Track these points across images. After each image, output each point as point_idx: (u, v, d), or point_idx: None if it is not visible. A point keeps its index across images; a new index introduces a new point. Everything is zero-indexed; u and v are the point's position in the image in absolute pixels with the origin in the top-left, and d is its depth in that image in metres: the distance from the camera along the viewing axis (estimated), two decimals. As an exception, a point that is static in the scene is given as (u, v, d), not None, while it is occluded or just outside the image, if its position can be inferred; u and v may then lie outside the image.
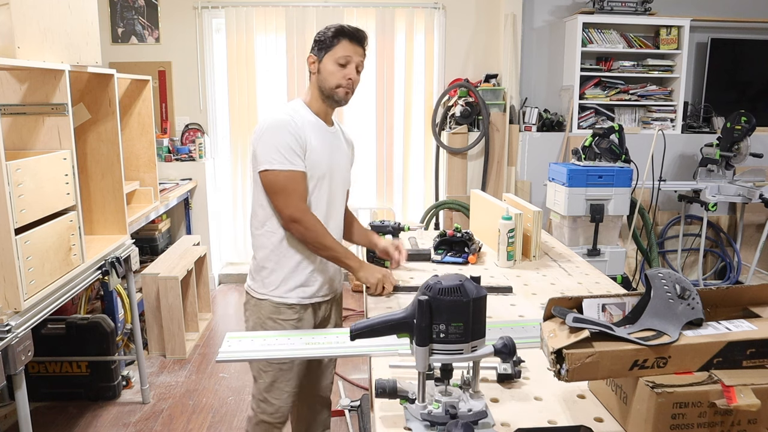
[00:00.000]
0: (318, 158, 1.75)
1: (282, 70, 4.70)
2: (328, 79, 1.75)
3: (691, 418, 0.93)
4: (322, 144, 1.77)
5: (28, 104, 2.27)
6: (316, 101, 1.81)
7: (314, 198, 1.78)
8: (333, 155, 1.82)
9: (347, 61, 1.74)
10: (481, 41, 4.75)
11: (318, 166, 1.75)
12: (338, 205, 1.89)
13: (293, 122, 1.71)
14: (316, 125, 1.79)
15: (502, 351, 1.07)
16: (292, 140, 1.69)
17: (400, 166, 4.93)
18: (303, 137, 1.71)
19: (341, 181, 1.88)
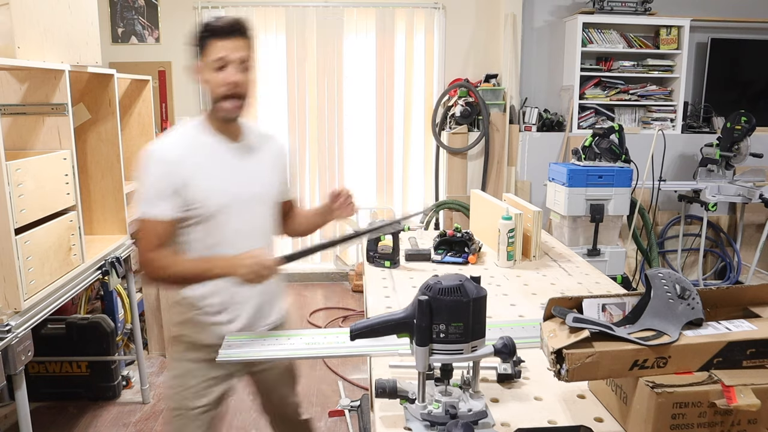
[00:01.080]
0: (208, 193, 1.47)
1: (282, 70, 4.70)
2: (210, 91, 1.46)
3: (691, 418, 0.93)
4: (221, 170, 1.51)
5: (28, 104, 2.27)
6: (212, 117, 1.53)
7: (216, 236, 1.51)
8: (239, 178, 1.53)
9: (223, 63, 1.43)
10: (481, 41, 4.75)
11: (209, 200, 1.48)
12: (260, 230, 1.60)
13: (165, 156, 1.45)
14: (212, 147, 1.51)
15: (502, 351, 1.07)
16: (160, 180, 1.43)
17: (400, 166, 4.93)
18: (179, 173, 1.44)
19: (259, 201, 1.59)
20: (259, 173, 1.59)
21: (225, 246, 1.51)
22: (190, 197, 1.46)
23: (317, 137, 4.82)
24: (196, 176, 1.46)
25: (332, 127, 4.81)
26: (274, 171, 1.65)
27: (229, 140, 1.54)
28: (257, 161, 1.59)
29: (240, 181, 1.54)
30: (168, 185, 1.43)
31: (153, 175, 1.44)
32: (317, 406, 2.98)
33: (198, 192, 1.46)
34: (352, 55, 4.73)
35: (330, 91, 4.74)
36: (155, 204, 1.44)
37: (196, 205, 1.47)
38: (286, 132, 4.80)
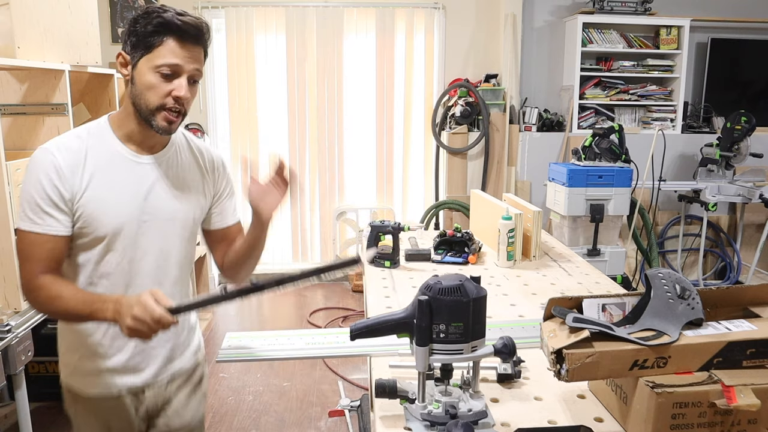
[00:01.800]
0: (100, 211, 1.22)
1: (282, 70, 4.70)
2: (144, 95, 1.20)
3: (691, 418, 0.93)
4: (121, 186, 1.24)
5: (28, 104, 2.27)
6: (128, 121, 1.26)
7: (106, 265, 1.26)
8: (144, 197, 1.27)
9: (175, 71, 1.19)
10: (481, 41, 4.75)
11: (100, 220, 1.22)
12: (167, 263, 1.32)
13: (55, 160, 1.19)
14: (115, 157, 1.25)
15: (502, 351, 1.07)
16: (48, 189, 1.19)
17: (400, 166, 4.93)
18: (69, 182, 1.20)
19: (169, 227, 1.31)
20: (174, 193, 1.31)
21: (117, 279, 1.27)
22: (79, 214, 1.22)
23: (317, 137, 4.82)
24: (89, 189, 1.21)
25: (332, 127, 4.81)
26: (200, 191, 1.37)
27: (140, 151, 1.28)
28: (175, 178, 1.32)
29: (145, 201, 1.27)
30: (57, 195, 1.19)
31: (40, 182, 1.19)
32: (317, 406, 2.98)
33: (88, 209, 1.21)
34: (352, 55, 4.73)
35: (330, 91, 4.74)
36: (43, 215, 1.19)
37: (85, 224, 1.22)
38: (286, 132, 4.81)
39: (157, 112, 1.21)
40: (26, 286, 1.22)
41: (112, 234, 1.24)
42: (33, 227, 1.20)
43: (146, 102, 1.21)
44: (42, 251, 1.21)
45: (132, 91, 1.23)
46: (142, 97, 1.21)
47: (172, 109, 1.22)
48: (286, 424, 2.82)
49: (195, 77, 1.24)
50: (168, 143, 1.33)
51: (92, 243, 1.25)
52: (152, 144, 1.30)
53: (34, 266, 1.21)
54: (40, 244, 1.20)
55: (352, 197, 4.97)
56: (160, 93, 1.20)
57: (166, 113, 1.21)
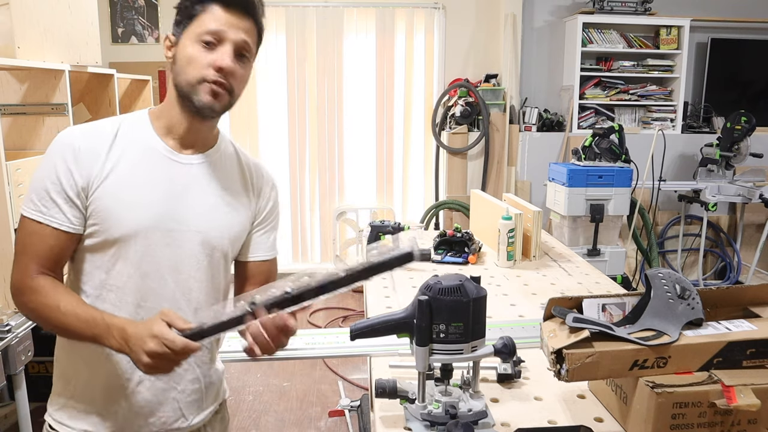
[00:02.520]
0: (115, 207, 1.04)
1: (282, 70, 4.70)
2: (185, 69, 1.04)
3: (691, 418, 0.93)
4: (148, 182, 1.06)
5: (28, 104, 2.27)
6: (168, 110, 1.10)
7: (117, 276, 1.07)
8: (173, 200, 1.08)
9: (218, 37, 1.03)
10: (481, 41, 4.75)
11: (118, 219, 1.04)
12: (190, 286, 1.11)
13: (76, 142, 1.04)
14: (149, 150, 1.08)
15: (502, 351, 1.07)
16: (61, 174, 1.02)
17: (400, 166, 4.93)
18: (89, 169, 1.03)
19: (201, 249, 1.11)
20: (212, 204, 1.12)
21: (126, 295, 1.07)
22: (92, 209, 1.04)
23: (317, 137, 4.82)
24: (108, 180, 1.04)
25: (332, 127, 4.81)
26: (241, 210, 1.17)
27: (179, 148, 1.10)
28: (216, 187, 1.13)
29: (174, 205, 1.08)
30: (70, 183, 1.03)
31: (54, 165, 1.03)
32: (317, 406, 2.98)
33: (102, 203, 1.04)
34: (352, 55, 4.73)
35: (330, 91, 4.74)
36: (50, 204, 1.03)
37: (97, 222, 1.04)
38: (286, 132, 4.80)
39: (198, 86, 1.03)
40: (17, 285, 1.04)
41: (126, 238, 1.05)
42: (36, 215, 1.04)
43: (186, 77, 1.04)
44: (42, 245, 1.04)
45: (174, 71, 1.07)
46: (182, 72, 1.04)
47: (216, 83, 1.03)
48: (286, 424, 2.82)
49: (244, 51, 1.06)
50: (215, 145, 1.15)
51: (102, 246, 1.06)
52: (195, 140, 1.11)
53: (30, 262, 1.04)
54: (42, 236, 1.04)
55: (352, 197, 4.97)
56: (201, 63, 1.03)
57: (209, 86, 1.03)
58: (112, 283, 1.07)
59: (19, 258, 1.06)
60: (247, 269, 1.23)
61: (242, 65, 1.07)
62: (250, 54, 1.08)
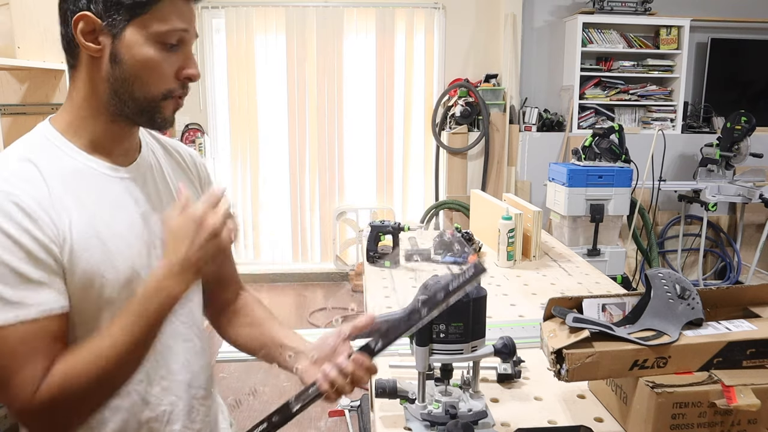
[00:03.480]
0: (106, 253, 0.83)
1: (282, 70, 4.70)
2: (141, 78, 0.83)
3: (691, 418, 0.93)
4: (113, 215, 0.85)
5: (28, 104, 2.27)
6: (90, 122, 0.86)
7: None
8: (149, 228, 0.90)
9: (182, 39, 0.84)
10: (481, 41, 4.75)
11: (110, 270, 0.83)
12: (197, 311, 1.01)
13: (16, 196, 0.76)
14: (90, 177, 0.85)
15: (502, 351, 1.07)
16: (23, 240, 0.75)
17: (400, 166, 4.94)
18: (47, 224, 0.77)
19: None
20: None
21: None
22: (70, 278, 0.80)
23: (317, 137, 4.82)
24: (75, 236, 0.80)
25: (332, 127, 4.81)
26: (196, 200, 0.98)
27: (114, 163, 0.89)
28: (166, 192, 0.96)
29: (147, 230, 0.89)
30: (39, 248, 0.76)
31: (8, 235, 0.74)
32: (317, 405, 2.98)
33: (81, 260, 0.80)
34: (352, 55, 4.73)
35: (330, 91, 4.74)
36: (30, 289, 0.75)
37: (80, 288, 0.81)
38: (286, 132, 4.81)
39: (162, 102, 0.85)
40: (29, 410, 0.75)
41: (127, 291, 0.84)
42: (22, 315, 0.74)
43: (145, 89, 0.83)
44: (43, 343, 0.76)
45: (112, 74, 0.82)
46: (137, 82, 0.82)
47: (181, 94, 0.87)
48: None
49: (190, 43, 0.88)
50: (140, 145, 0.95)
51: (97, 308, 0.83)
52: (124, 150, 0.91)
53: (35, 373, 0.75)
54: (41, 334, 0.76)
55: (352, 197, 4.97)
56: (166, 73, 0.83)
57: (176, 100, 0.86)
58: None
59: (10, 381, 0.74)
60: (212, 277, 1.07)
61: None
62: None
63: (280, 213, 4.95)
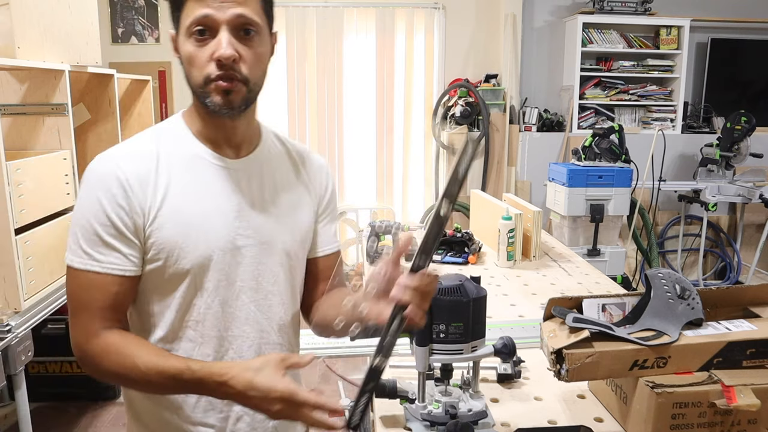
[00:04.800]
0: (187, 232, 0.93)
1: (282, 71, 4.70)
2: (188, 72, 0.93)
3: (691, 418, 0.93)
4: (208, 199, 0.96)
5: (28, 104, 2.27)
6: (196, 113, 0.99)
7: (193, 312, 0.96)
8: (238, 215, 0.97)
9: (208, 24, 0.89)
10: (481, 41, 4.75)
11: (187, 247, 0.93)
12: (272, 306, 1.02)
13: (116, 174, 0.91)
14: (198, 162, 0.97)
15: (502, 351, 1.07)
16: (110, 212, 0.90)
17: (400, 166, 4.93)
18: (141, 199, 0.91)
19: (273, 257, 1.01)
20: (273, 209, 1.02)
21: (207, 329, 0.97)
22: (152, 241, 0.92)
23: (317, 137, 4.82)
24: (165, 206, 0.92)
25: (332, 127, 4.81)
26: (303, 206, 1.07)
27: (222, 153, 0.99)
28: (273, 190, 1.02)
29: (237, 218, 0.97)
30: (123, 220, 0.90)
31: (100, 203, 0.90)
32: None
33: (164, 233, 0.92)
34: (352, 55, 4.73)
35: (330, 91, 4.74)
36: (105, 249, 0.91)
37: (162, 255, 0.92)
38: (286, 132, 4.80)
39: (206, 87, 0.91)
40: (82, 348, 0.92)
41: (200, 266, 0.94)
42: (92, 265, 0.90)
43: (193, 80, 0.93)
44: (104, 297, 0.91)
45: (184, 72, 0.95)
46: (189, 75, 0.94)
47: (221, 78, 0.89)
48: (286, 424, 2.82)
49: (246, 26, 0.90)
50: (258, 144, 1.04)
51: (172, 282, 0.94)
52: (235, 143, 1.00)
53: (92, 319, 0.91)
54: (103, 287, 0.91)
55: (352, 197, 4.97)
56: (201, 61, 0.90)
57: (218, 83, 0.90)
58: (189, 319, 0.96)
59: (77, 316, 0.92)
60: (317, 266, 1.11)
61: (250, 43, 0.92)
62: (257, 26, 0.92)
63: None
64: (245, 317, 0.99)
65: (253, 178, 1.00)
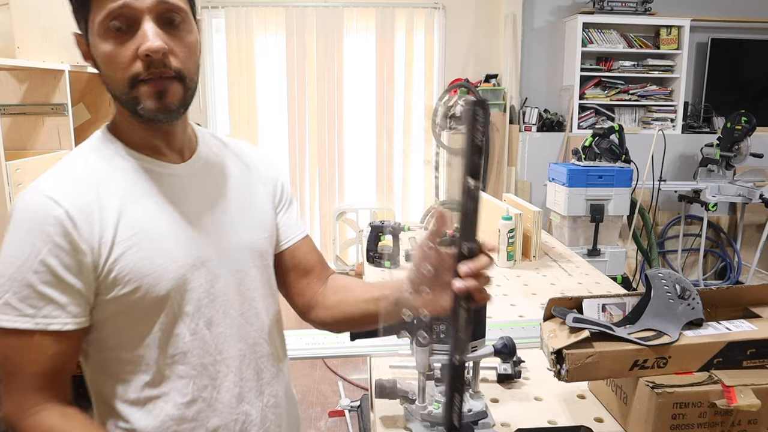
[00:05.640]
0: (154, 252, 0.81)
1: (282, 70, 4.70)
2: (108, 75, 0.79)
3: (691, 419, 0.93)
4: (165, 212, 0.84)
5: (28, 104, 2.27)
6: (124, 123, 0.86)
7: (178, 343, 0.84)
8: (203, 224, 0.87)
9: (126, 15, 0.76)
10: (481, 41, 4.75)
11: (159, 269, 0.81)
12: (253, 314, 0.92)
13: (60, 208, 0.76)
14: (141, 175, 0.84)
15: (502, 351, 1.07)
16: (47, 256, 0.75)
17: (400, 166, 4.94)
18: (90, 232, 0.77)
19: (248, 263, 0.92)
20: (235, 211, 0.92)
21: (197, 357, 0.85)
22: (115, 275, 0.79)
23: (317, 137, 4.82)
24: (121, 230, 0.79)
25: (332, 127, 4.81)
26: (262, 200, 0.98)
27: (168, 160, 0.87)
28: (228, 189, 0.93)
29: (201, 227, 0.86)
30: (61, 263, 0.76)
31: (34, 246, 0.75)
32: (317, 406, 2.98)
33: (129, 261, 0.79)
34: (352, 55, 4.73)
35: (330, 91, 4.74)
36: (38, 302, 0.76)
37: (128, 288, 0.79)
38: (286, 132, 4.80)
39: (134, 92, 0.78)
40: (15, 426, 0.78)
41: (176, 289, 0.82)
42: (22, 322, 0.75)
43: (115, 85, 0.79)
44: (41, 360, 0.77)
45: (102, 79, 0.81)
46: (109, 81, 0.80)
47: (153, 74, 0.77)
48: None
49: (170, 13, 0.78)
50: (197, 144, 0.93)
51: (147, 315, 0.81)
52: (177, 147, 0.89)
53: (29, 391, 0.77)
54: (36, 348, 0.76)
55: (352, 197, 4.97)
56: (123, 60, 0.76)
57: (147, 85, 0.77)
58: (175, 352, 0.84)
59: (9, 384, 0.78)
60: (296, 257, 1.04)
61: (177, 33, 0.80)
62: (182, 13, 0.80)
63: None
64: (237, 333, 0.89)
65: (206, 181, 0.91)
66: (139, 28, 0.76)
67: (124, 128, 0.86)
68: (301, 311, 1.05)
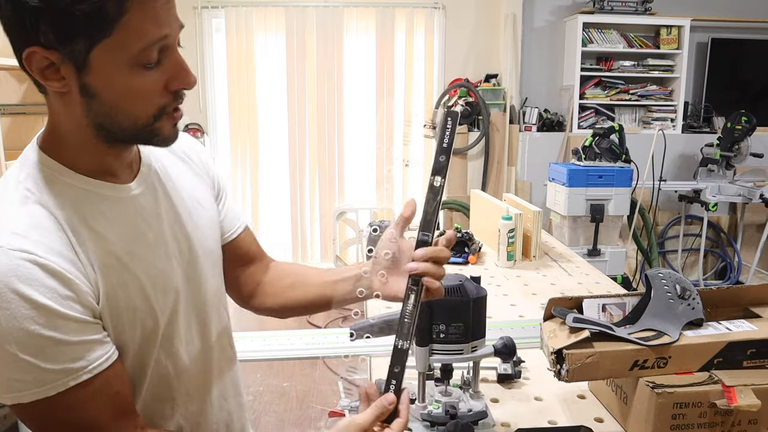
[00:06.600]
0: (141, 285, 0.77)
1: (282, 70, 4.70)
2: (125, 110, 0.70)
3: (691, 419, 0.93)
4: (134, 239, 0.78)
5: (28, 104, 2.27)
6: (84, 153, 0.75)
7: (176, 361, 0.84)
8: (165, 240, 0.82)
9: (163, 47, 0.69)
10: (481, 41, 4.75)
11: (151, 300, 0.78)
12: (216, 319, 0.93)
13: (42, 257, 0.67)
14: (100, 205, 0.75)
15: (502, 351, 1.07)
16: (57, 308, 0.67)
17: (400, 166, 4.94)
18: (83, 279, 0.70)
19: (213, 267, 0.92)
20: (188, 217, 0.87)
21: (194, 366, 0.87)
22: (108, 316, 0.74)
23: (317, 137, 4.82)
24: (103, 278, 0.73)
25: (332, 127, 4.81)
26: (208, 199, 0.94)
27: (122, 180, 0.79)
28: (176, 195, 0.87)
29: (166, 244, 0.82)
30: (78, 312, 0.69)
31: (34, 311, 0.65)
32: (317, 404, 2.98)
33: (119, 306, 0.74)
34: (352, 55, 4.73)
35: (330, 91, 4.74)
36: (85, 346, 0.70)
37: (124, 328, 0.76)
38: (286, 132, 4.80)
39: (155, 123, 0.73)
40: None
41: (170, 311, 0.81)
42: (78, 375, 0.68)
43: (132, 118, 0.71)
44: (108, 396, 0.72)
45: (89, 109, 0.70)
46: (121, 113, 0.71)
47: (178, 107, 0.74)
48: (286, 424, 2.82)
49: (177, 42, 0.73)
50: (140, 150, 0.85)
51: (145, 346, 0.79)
52: (128, 165, 0.81)
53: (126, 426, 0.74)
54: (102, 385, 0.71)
55: (352, 197, 4.97)
56: (155, 92, 0.71)
57: (169, 116, 0.73)
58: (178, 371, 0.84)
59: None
60: (241, 247, 1.02)
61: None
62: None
63: (280, 213, 4.95)
64: (222, 341, 0.94)
65: (158, 192, 0.83)
66: (169, 59, 0.70)
67: (73, 152, 0.74)
68: (242, 299, 1.06)
